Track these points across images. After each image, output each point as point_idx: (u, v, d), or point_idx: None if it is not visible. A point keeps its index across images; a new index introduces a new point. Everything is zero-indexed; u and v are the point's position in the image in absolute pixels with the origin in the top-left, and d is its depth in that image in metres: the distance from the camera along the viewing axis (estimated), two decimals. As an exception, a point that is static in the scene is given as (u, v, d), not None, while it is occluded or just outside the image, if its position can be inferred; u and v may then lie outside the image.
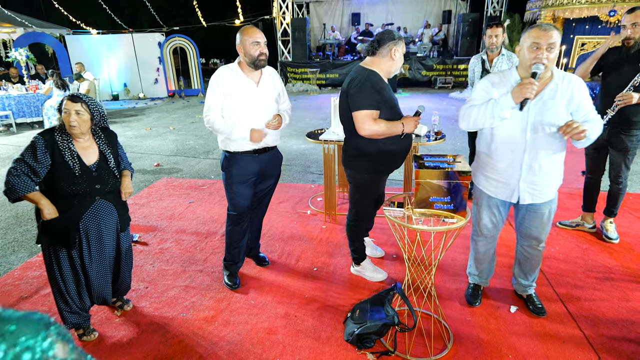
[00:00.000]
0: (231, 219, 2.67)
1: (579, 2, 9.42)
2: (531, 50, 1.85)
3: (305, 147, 6.17)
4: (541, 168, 2.01)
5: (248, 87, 2.45)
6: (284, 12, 13.29)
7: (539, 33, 1.83)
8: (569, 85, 1.93)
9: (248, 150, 2.51)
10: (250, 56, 2.37)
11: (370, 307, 2.25)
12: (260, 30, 2.41)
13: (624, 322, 2.33)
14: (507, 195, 2.13)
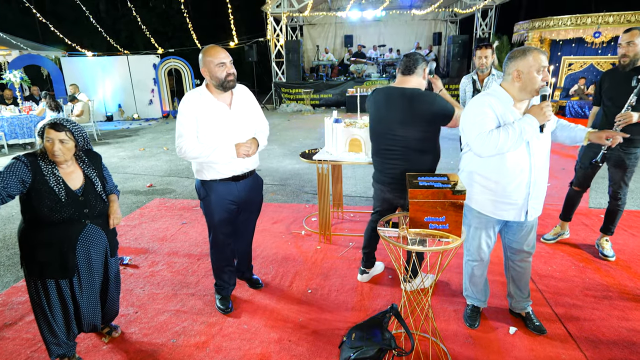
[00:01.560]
0: (214, 246, 2.60)
1: (565, 24, 9.69)
2: (540, 73, 1.92)
3: (299, 167, 6.17)
4: (542, 182, 2.11)
5: (220, 111, 2.32)
6: (278, 34, 13.52)
7: (544, 57, 1.91)
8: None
9: (226, 177, 2.40)
10: (217, 78, 2.24)
11: (366, 330, 2.19)
12: (223, 48, 2.30)
13: (625, 342, 2.29)
14: (517, 215, 2.14)
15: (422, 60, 2.43)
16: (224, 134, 2.33)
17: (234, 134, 2.36)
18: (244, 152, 2.34)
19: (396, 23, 15.68)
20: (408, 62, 2.41)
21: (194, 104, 2.29)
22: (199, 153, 2.28)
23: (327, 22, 15.94)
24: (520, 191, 2.07)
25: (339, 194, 4.17)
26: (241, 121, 2.40)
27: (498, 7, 13.10)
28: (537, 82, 1.92)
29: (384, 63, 14.12)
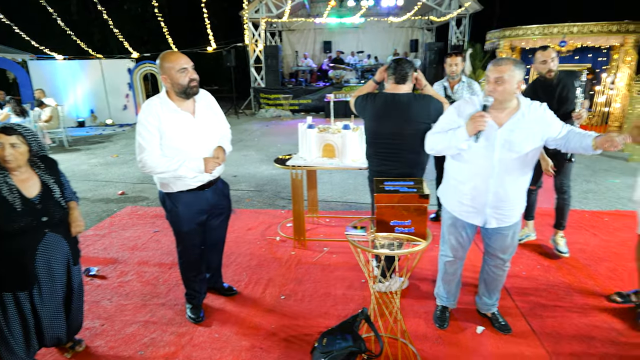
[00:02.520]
0: (183, 257, 2.54)
1: (533, 34, 10.04)
2: (486, 83, 1.97)
3: (275, 173, 6.16)
4: (507, 194, 2.08)
5: (184, 121, 2.22)
6: (256, 39, 13.51)
7: (490, 67, 1.95)
8: (535, 114, 2.01)
9: (193, 187, 2.32)
10: (180, 85, 2.15)
11: (337, 335, 2.20)
12: (182, 54, 2.22)
13: (584, 337, 2.38)
14: (474, 219, 2.18)
15: (410, 69, 2.59)
16: (189, 145, 2.24)
17: (200, 144, 2.28)
18: (212, 168, 2.29)
19: (374, 30, 15.90)
20: (402, 72, 2.54)
21: (156, 113, 2.16)
22: (165, 168, 2.17)
23: (306, 28, 16.03)
24: (477, 196, 2.10)
25: (314, 199, 4.19)
26: (207, 130, 2.33)
27: (471, 16, 13.46)
28: (486, 91, 1.98)
29: (363, 69, 14.29)
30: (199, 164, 2.24)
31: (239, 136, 9.45)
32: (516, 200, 2.13)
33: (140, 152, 2.17)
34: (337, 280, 3.06)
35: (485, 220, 2.15)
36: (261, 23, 13.13)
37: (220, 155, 2.34)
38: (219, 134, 2.43)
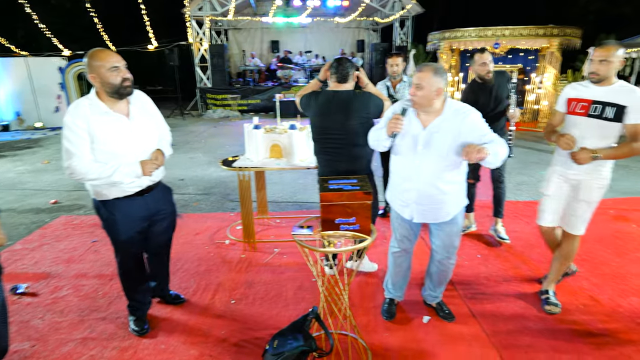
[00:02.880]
0: (123, 267, 2.40)
1: (470, 36, 10.63)
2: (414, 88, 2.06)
3: (224, 175, 6.01)
4: (429, 192, 2.17)
5: (117, 123, 2.09)
6: (201, 38, 13.10)
7: (415, 73, 2.06)
8: (456, 118, 2.07)
9: (131, 193, 2.20)
10: (111, 85, 2.02)
11: (288, 335, 2.19)
12: (113, 52, 2.08)
13: (519, 318, 2.57)
14: (404, 212, 2.30)
15: (351, 68, 2.69)
16: (124, 149, 2.11)
17: (136, 147, 2.16)
18: (151, 170, 2.17)
19: (321, 30, 16.03)
20: (343, 72, 2.64)
21: (84, 115, 2.01)
22: (97, 174, 2.03)
23: (253, 27, 15.81)
24: (405, 191, 2.23)
25: (263, 201, 4.14)
26: (143, 132, 2.20)
27: (414, 17, 14.00)
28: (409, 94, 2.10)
29: (311, 69, 14.35)
30: (135, 168, 2.12)
31: (186, 138, 9.13)
32: (440, 199, 2.18)
33: (68, 158, 2.01)
34: (288, 281, 3.05)
35: (412, 215, 2.27)
36: (205, 21, 12.75)
37: (159, 157, 2.23)
38: (156, 136, 2.31)
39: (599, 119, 2.33)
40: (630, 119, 2.25)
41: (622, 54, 2.27)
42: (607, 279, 3.03)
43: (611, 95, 2.30)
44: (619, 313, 2.62)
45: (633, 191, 5.18)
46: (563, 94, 2.55)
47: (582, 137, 2.38)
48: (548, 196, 2.63)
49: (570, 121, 2.48)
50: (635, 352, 2.27)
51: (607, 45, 2.29)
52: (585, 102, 2.38)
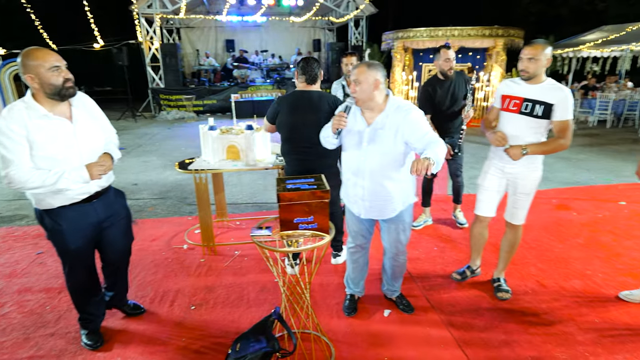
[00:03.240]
0: (72, 279, 2.26)
1: (422, 36, 10.99)
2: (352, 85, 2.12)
3: (181, 178, 5.83)
4: (375, 188, 2.21)
5: (60, 127, 1.96)
6: (151, 37, 12.59)
7: (353, 71, 2.10)
8: (399, 115, 2.10)
9: (78, 201, 2.07)
10: (52, 86, 1.90)
11: (250, 338, 2.17)
12: (52, 51, 1.95)
13: (473, 306, 2.70)
14: (356, 209, 2.35)
15: (318, 68, 2.83)
16: (68, 154, 1.99)
17: (81, 152, 2.04)
18: (99, 173, 2.05)
19: (277, 29, 15.94)
20: (312, 74, 2.78)
21: (20, 120, 1.87)
22: (40, 182, 1.90)
23: (206, 26, 15.43)
24: (353, 187, 2.29)
25: (222, 203, 4.06)
26: (88, 136, 2.08)
27: (368, 17, 14.26)
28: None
29: (268, 68, 14.23)
30: (82, 173, 1.99)
31: (138, 141, 8.76)
32: (386, 195, 2.22)
33: (5, 167, 1.87)
34: (249, 283, 3.02)
35: (359, 211, 2.33)
36: (155, 19, 12.27)
37: (106, 161, 2.12)
38: (102, 140, 2.19)
39: (529, 116, 2.47)
40: (557, 116, 2.40)
41: (550, 52, 2.41)
42: (551, 264, 3.25)
43: (541, 93, 2.43)
44: (562, 295, 2.82)
45: (573, 181, 5.59)
46: (498, 90, 2.69)
47: (515, 132, 2.52)
48: (484, 187, 2.77)
49: (504, 117, 2.61)
50: (576, 329, 2.46)
51: (535, 43, 2.41)
52: (517, 100, 2.51)
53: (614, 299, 2.76)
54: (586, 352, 2.27)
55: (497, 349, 2.30)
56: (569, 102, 2.38)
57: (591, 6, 17.72)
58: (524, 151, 2.44)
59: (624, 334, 2.41)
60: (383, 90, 2.12)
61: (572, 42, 12.37)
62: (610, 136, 8.96)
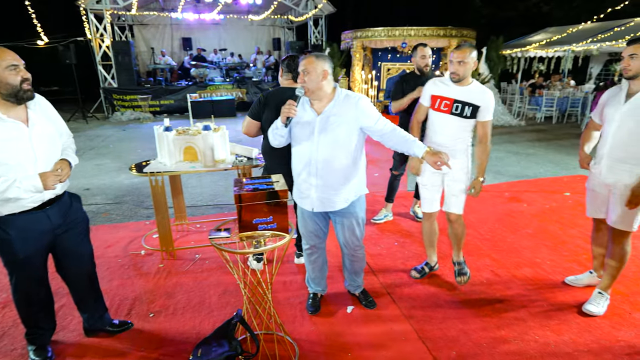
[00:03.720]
0: (19, 292, 2.11)
1: (380, 35, 11.21)
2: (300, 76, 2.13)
3: (137, 181, 5.61)
4: (329, 179, 2.22)
5: (15, 132, 1.84)
6: (101, 34, 11.99)
7: (301, 62, 2.13)
8: (349, 103, 2.16)
9: (29, 208, 1.94)
10: (9, 86, 1.79)
11: (212, 343, 2.13)
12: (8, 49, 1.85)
13: (433, 296, 2.80)
14: (308, 204, 2.33)
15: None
16: (22, 160, 1.86)
17: (37, 159, 1.91)
18: (54, 183, 1.92)
19: (236, 27, 15.67)
20: (291, 67, 2.76)
21: None
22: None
23: (161, 23, 14.90)
24: (305, 183, 2.28)
25: (181, 206, 3.95)
26: (45, 141, 1.96)
27: (327, 17, 14.34)
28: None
29: (227, 67, 13.96)
30: (35, 182, 1.86)
31: (90, 143, 8.33)
32: (339, 186, 2.24)
33: None
34: (211, 286, 2.96)
35: (312, 205, 2.30)
36: (105, 15, 11.70)
37: (63, 168, 1.99)
38: (59, 145, 2.07)
39: (459, 116, 2.62)
40: (482, 116, 2.61)
41: (475, 55, 2.56)
42: (504, 254, 3.42)
43: (469, 95, 2.59)
44: (514, 283, 2.98)
45: (523, 175, 5.91)
46: (427, 90, 2.75)
47: (446, 131, 2.67)
48: (424, 185, 2.87)
49: (435, 117, 2.71)
50: (527, 315, 2.60)
51: (464, 47, 2.54)
52: (448, 101, 2.63)
53: (561, 284, 2.95)
54: (536, 335, 2.41)
55: (455, 338, 2.39)
56: (492, 104, 2.60)
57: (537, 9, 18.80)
58: (482, 179, 2.69)
59: (569, 317, 2.59)
60: (331, 81, 2.17)
61: (520, 43, 13.07)
62: (556, 131, 9.55)
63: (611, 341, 2.36)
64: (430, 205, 2.89)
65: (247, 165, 3.23)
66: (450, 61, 2.57)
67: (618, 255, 2.51)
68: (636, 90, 2.28)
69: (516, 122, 10.47)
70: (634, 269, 3.03)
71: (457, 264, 3.01)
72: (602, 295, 2.63)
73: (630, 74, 2.25)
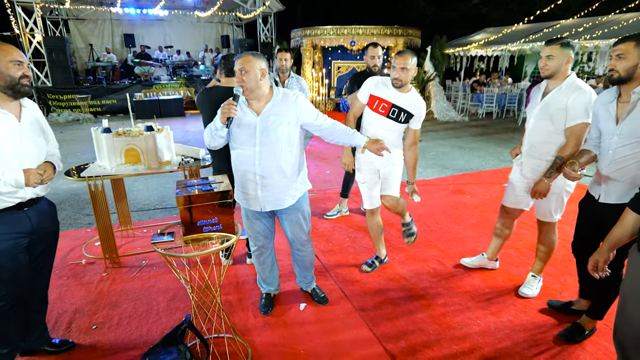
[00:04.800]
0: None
1: (329, 34, 11.32)
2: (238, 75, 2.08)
3: (77, 186, 5.27)
4: (273, 178, 2.21)
5: (7, 123, 1.84)
6: (31, 28, 11.10)
7: (237, 61, 2.08)
8: (287, 101, 2.17)
9: (10, 205, 1.87)
10: (9, 77, 1.81)
11: (160, 351, 2.05)
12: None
13: (383, 290, 2.88)
14: (254, 205, 2.30)
15: None
16: (9, 150, 1.83)
17: (25, 155, 1.89)
18: (36, 181, 1.86)
19: (182, 24, 15.15)
20: (230, 66, 2.74)
21: None
22: None
23: (100, 18, 14.06)
24: (249, 184, 2.24)
25: (125, 211, 3.76)
26: (33, 140, 1.95)
27: (276, 14, 14.24)
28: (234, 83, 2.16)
29: (174, 65, 13.46)
30: (17, 176, 1.83)
31: (22, 147, 7.69)
32: (285, 184, 2.25)
33: None
34: (159, 293, 2.85)
35: (261, 205, 2.28)
36: (36, 9, 10.84)
37: (47, 169, 1.96)
38: (45, 150, 2.05)
39: (394, 120, 2.71)
40: (414, 125, 2.78)
41: (415, 61, 2.63)
42: (449, 244, 3.59)
43: (407, 103, 2.67)
44: (459, 271, 3.14)
45: (467, 168, 6.23)
46: (366, 88, 2.76)
47: (379, 132, 2.69)
48: (362, 183, 2.94)
49: (371, 116, 2.75)
50: (469, 300, 2.76)
51: (405, 54, 2.58)
52: (386, 104, 2.68)
53: (500, 270, 3.15)
54: (477, 318, 2.56)
55: (404, 328, 2.48)
56: (424, 114, 2.77)
57: (477, 10, 19.85)
58: (412, 187, 2.89)
59: (507, 298, 2.77)
60: (268, 80, 2.16)
61: (462, 42, 13.75)
62: (496, 126, 10.16)
63: (544, 319, 2.56)
64: (370, 201, 2.95)
65: (193, 166, 3.14)
66: (393, 67, 2.60)
67: (547, 242, 2.73)
68: (551, 89, 2.40)
69: (460, 118, 11.02)
70: (564, 252, 3.31)
71: (405, 224, 3.08)
72: (535, 278, 2.85)
73: (548, 73, 2.36)
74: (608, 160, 2.02)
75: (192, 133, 9.09)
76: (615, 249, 1.74)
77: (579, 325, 2.36)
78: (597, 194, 2.13)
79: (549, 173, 2.39)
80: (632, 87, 1.92)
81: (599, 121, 2.11)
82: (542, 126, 2.44)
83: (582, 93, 2.27)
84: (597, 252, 1.78)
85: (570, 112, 2.28)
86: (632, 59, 1.86)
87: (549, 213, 2.60)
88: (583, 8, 11.86)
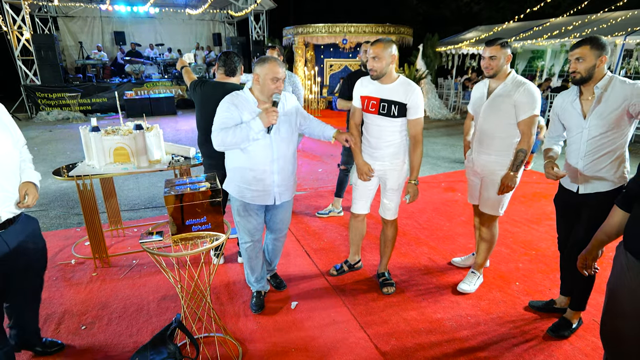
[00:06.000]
0: None
1: (321, 32, 11.29)
2: (273, 82, 2.14)
3: (66, 185, 5.22)
4: (287, 172, 2.39)
5: None
6: (20, 26, 10.93)
7: (277, 68, 2.13)
8: (289, 104, 2.37)
9: None
10: None
11: (150, 351, 2.04)
12: None
13: (374, 288, 2.89)
14: (265, 200, 2.37)
15: (239, 62, 2.92)
16: None
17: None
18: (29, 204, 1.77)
19: (173, 22, 15.02)
20: (231, 66, 2.86)
21: None
22: None
23: (90, 16, 13.89)
24: (267, 179, 2.32)
25: (115, 210, 3.72)
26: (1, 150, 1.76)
27: (268, 12, 14.17)
28: (270, 89, 2.17)
29: (165, 63, 13.34)
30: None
31: (10, 146, 7.58)
32: (292, 175, 2.47)
33: None
34: (149, 292, 2.83)
35: (275, 199, 2.40)
36: (24, 6, 10.68)
37: (30, 192, 1.82)
38: (14, 155, 1.86)
39: (387, 116, 2.47)
40: (411, 115, 2.46)
41: (394, 50, 2.40)
42: (440, 241, 3.62)
43: (394, 93, 2.43)
44: (449, 268, 3.16)
45: (458, 165, 6.27)
46: (356, 91, 2.61)
47: (380, 134, 2.53)
48: (357, 185, 2.75)
49: (368, 120, 2.58)
50: (460, 297, 2.78)
51: (378, 42, 2.37)
52: (374, 100, 2.48)
53: (490, 267, 3.17)
54: (468, 315, 2.58)
55: (395, 326, 2.49)
56: (420, 101, 2.44)
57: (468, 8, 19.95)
58: (415, 182, 2.56)
59: (497, 295, 2.80)
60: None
61: (453, 40, 13.79)
62: (487, 124, 10.21)
63: (533, 316, 2.59)
64: (357, 206, 2.80)
65: (184, 165, 3.12)
66: (367, 57, 2.45)
67: (487, 237, 2.78)
68: (495, 87, 2.51)
69: (452, 116, 11.08)
70: (506, 250, 3.34)
71: (381, 275, 2.91)
72: (475, 274, 2.89)
73: (492, 72, 2.47)
74: (582, 153, 2.13)
75: (183, 131, 9.03)
76: (603, 246, 1.77)
77: (566, 320, 2.40)
78: (575, 187, 2.21)
79: (515, 167, 2.47)
80: (592, 85, 2.05)
81: (564, 119, 2.23)
82: (490, 122, 2.53)
83: (527, 87, 2.40)
84: (586, 250, 1.80)
85: (520, 107, 2.40)
86: (589, 60, 2.00)
87: (497, 207, 2.65)
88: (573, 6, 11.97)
